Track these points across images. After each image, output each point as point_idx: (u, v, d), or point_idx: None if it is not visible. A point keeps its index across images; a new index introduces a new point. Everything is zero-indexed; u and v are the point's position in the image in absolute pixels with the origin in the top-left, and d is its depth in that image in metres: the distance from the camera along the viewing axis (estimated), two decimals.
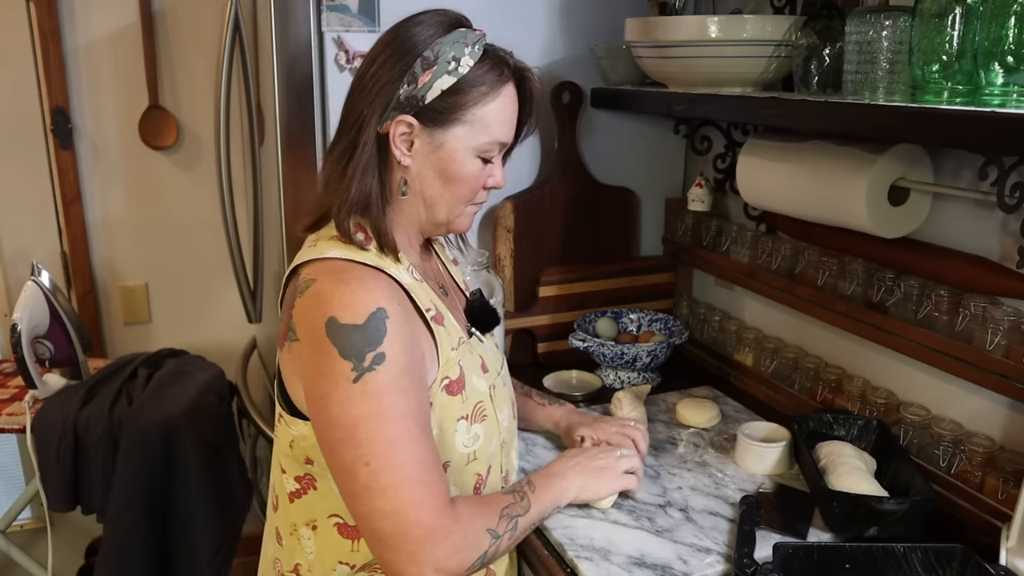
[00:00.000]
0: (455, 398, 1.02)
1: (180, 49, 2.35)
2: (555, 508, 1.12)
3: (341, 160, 1.00)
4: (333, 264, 0.96)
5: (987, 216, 1.19)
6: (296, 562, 1.06)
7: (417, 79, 0.97)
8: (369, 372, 0.90)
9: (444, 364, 1.01)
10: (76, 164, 2.32)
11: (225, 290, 2.39)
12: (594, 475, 1.16)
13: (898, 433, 1.28)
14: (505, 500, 1.03)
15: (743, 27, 1.30)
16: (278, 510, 1.09)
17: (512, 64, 1.04)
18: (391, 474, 0.89)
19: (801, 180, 1.33)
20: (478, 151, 1.02)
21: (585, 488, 1.15)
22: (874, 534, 1.09)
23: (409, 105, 0.98)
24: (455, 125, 1.00)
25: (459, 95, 0.98)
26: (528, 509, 1.04)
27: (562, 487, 1.12)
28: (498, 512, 0.99)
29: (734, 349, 1.68)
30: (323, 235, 1.02)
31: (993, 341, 1.13)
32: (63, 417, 1.82)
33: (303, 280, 0.97)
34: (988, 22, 0.92)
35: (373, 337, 0.91)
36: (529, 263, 1.73)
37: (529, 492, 1.06)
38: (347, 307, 0.91)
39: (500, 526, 0.98)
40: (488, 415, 1.08)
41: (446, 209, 1.05)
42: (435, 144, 1.00)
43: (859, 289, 1.36)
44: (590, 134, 1.76)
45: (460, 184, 1.03)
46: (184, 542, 1.87)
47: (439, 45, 0.98)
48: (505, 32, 1.14)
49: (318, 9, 1.49)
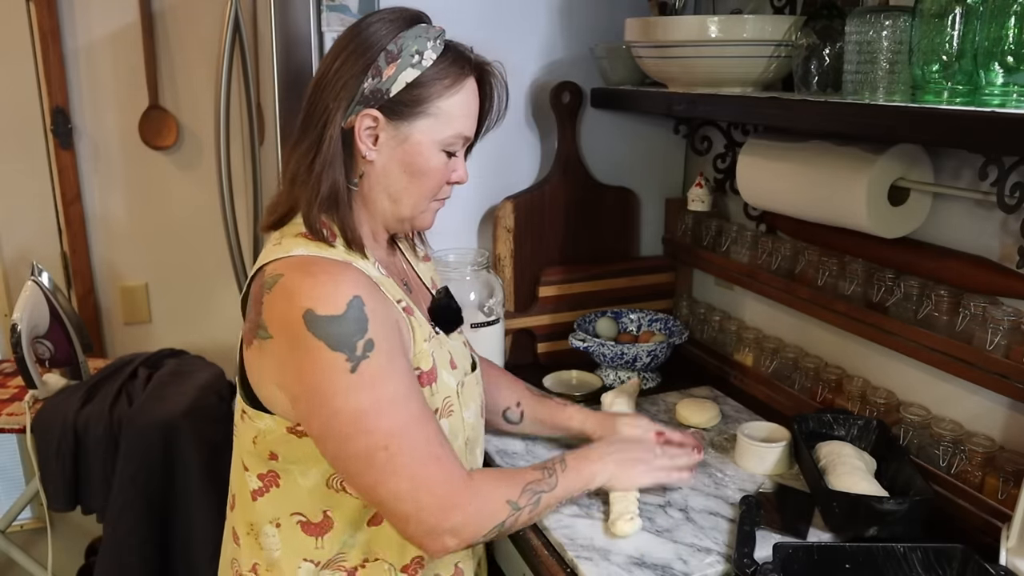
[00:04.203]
0: (424, 389, 1.02)
1: (180, 49, 2.35)
2: (583, 490, 1.13)
3: (308, 155, 0.99)
4: (300, 259, 0.96)
5: (987, 216, 1.19)
6: (254, 562, 1.06)
7: (381, 72, 0.98)
8: (364, 360, 0.91)
9: (417, 354, 1.02)
10: (76, 164, 2.33)
11: (225, 290, 2.39)
12: (628, 465, 1.17)
13: (898, 433, 1.28)
14: (532, 476, 1.05)
15: (743, 27, 1.30)
16: (235, 509, 1.09)
17: (473, 58, 1.04)
18: (406, 456, 0.92)
19: (801, 180, 1.33)
20: (443, 144, 1.03)
21: (616, 477, 1.15)
22: (874, 534, 1.09)
23: (374, 99, 0.98)
24: (420, 118, 1.00)
25: (423, 88, 0.99)
26: (554, 487, 1.06)
27: (593, 470, 1.13)
28: (521, 486, 1.02)
29: (734, 349, 1.68)
30: (287, 233, 1.02)
31: (993, 341, 1.13)
32: (63, 417, 1.82)
33: (269, 276, 0.96)
34: (988, 22, 0.92)
35: (357, 325, 0.91)
36: (529, 263, 1.73)
37: (560, 470, 1.08)
38: (321, 298, 0.91)
39: (522, 499, 1.01)
40: (454, 411, 1.08)
41: (411, 204, 1.05)
42: (400, 138, 1.01)
43: (859, 289, 1.36)
44: (590, 134, 1.76)
45: (425, 178, 1.03)
46: (184, 542, 1.87)
47: (402, 39, 0.98)
48: (505, 32, 1.14)
49: (318, 9, 1.49)
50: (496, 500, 0.99)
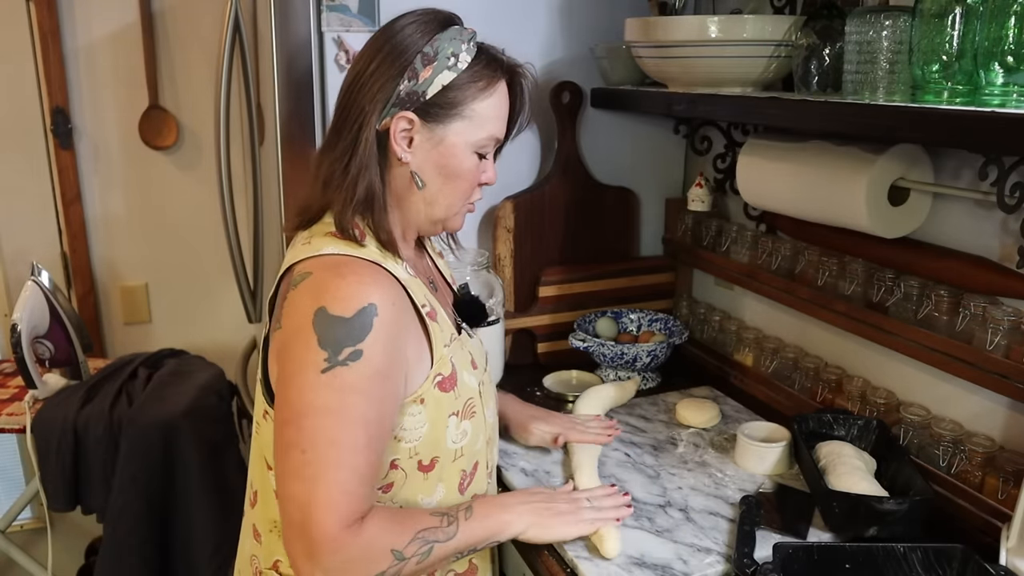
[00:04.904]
0: (447, 394, 1.02)
1: (180, 49, 2.35)
2: (492, 540, 1.03)
3: (343, 158, 0.99)
4: (331, 259, 0.96)
5: (987, 216, 1.19)
6: (276, 559, 1.06)
7: (418, 75, 0.98)
8: (341, 367, 0.90)
9: (438, 361, 1.02)
10: (76, 164, 2.32)
11: (225, 290, 2.39)
12: (548, 516, 1.07)
13: (898, 433, 1.28)
14: (426, 522, 0.96)
15: (743, 27, 1.30)
16: (256, 506, 1.09)
17: (505, 61, 1.05)
18: (318, 470, 0.89)
19: (801, 180, 1.33)
20: (476, 147, 1.03)
21: (535, 527, 1.06)
22: (874, 534, 1.09)
23: (410, 101, 0.98)
24: (455, 120, 1.00)
25: (458, 90, 0.99)
26: (453, 536, 0.97)
27: (505, 519, 1.04)
28: (412, 534, 0.94)
29: (734, 349, 1.68)
30: (316, 232, 1.02)
31: (993, 341, 1.13)
32: (63, 417, 1.82)
33: (298, 274, 0.96)
34: (988, 22, 0.92)
35: (357, 333, 0.90)
36: (529, 263, 1.73)
37: (463, 518, 0.99)
38: (339, 300, 0.91)
39: (409, 549, 0.93)
40: (477, 412, 1.08)
41: (445, 205, 1.05)
42: (435, 140, 1.01)
43: (859, 289, 1.36)
44: (590, 134, 1.76)
45: (459, 180, 1.04)
46: (184, 542, 1.87)
47: (438, 41, 0.98)
48: (505, 32, 1.14)
49: (318, 9, 1.49)
50: (379, 548, 0.91)
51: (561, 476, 1.29)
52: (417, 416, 0.99)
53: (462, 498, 1.08)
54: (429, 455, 1.02)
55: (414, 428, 1.00)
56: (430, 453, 1.02)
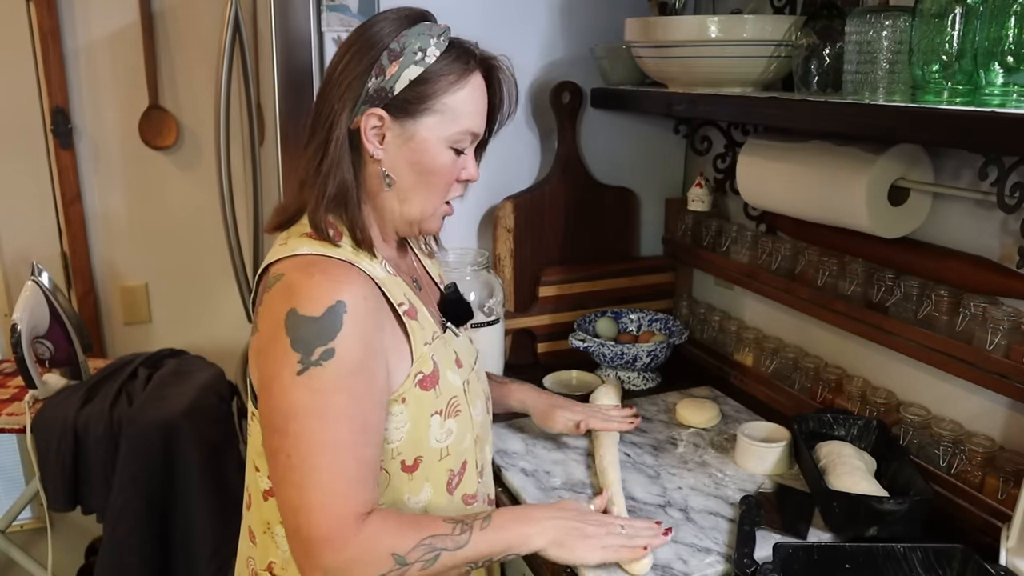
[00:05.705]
0: (428, 393, 1.02)
1: (180, 49, 2.35)
2: (511, 553, 0.98)
3: (315, 157, 1.00)
4: (303, 259, 0.96)
5: (987, 216, 1.19)
6: (270, 560, 1.06)
7: (384, 71, 0.98)
8: (315, 367, 0.90)
9: (418, 359, 1.01)
10: (76, 164, 2.33)
11: (225, 290, 2.39)
12: (575, 536, 1.02)
13: (898, 433, 1.28)
14: (435, 529, 0.93)
15: (743, 27, 1.30)
16: (251, 508, 1.09)
17: (479, 54, 1.04)
18: (304, 475, 0.89)
19: (801, 180, 1.33)
20: (450, 141, 1.02)
21: (557, 546, 1.01)
22: (874, 534, 1.09)
23: (378, 98, 0.98)
24: (425, 115, 1.00)
25: (427, 84, 0.99)
26: (463, 545, 0.94)
27: (527, 532, 0.99)
28: (417, 539, 0.91)
29: (734, 349, 1.68)
30: (293, 233, 1.02)
31: (993, 341, 1.13)
32: (63, 417, 1.82)
33: (272, 276, 0.96)
34: (988, 22, 0.92)
35: (327, 332, 0.90)
36: (529, 263, 1.73)
37: (478, 528, 0.95)
38: (308, 299, 0.91)
39: (412, 554, 0.91)
40: (462, 410, 1.07)
41: (420, 203, 1.04)
42: (407, 136, 1.00)
43: (859, 289, 1.36)
44: (590, 134, 1.76)
45: (433, 176, 1.03)
46: (184, 542, 1.87)
47: (404, 37, 0.98)
48: (505, 32, 1.14)
49: (318, 9, 1.49)
50: (379, 551, 0.90)
51: (561, 476, 1.29)
52: (399, 416, 0.99)
53: (451, 498, 1.07)
54: (412, 455, 1.02)
55: (396, 428, 0.99)
56: (413, 453, 1.01)
